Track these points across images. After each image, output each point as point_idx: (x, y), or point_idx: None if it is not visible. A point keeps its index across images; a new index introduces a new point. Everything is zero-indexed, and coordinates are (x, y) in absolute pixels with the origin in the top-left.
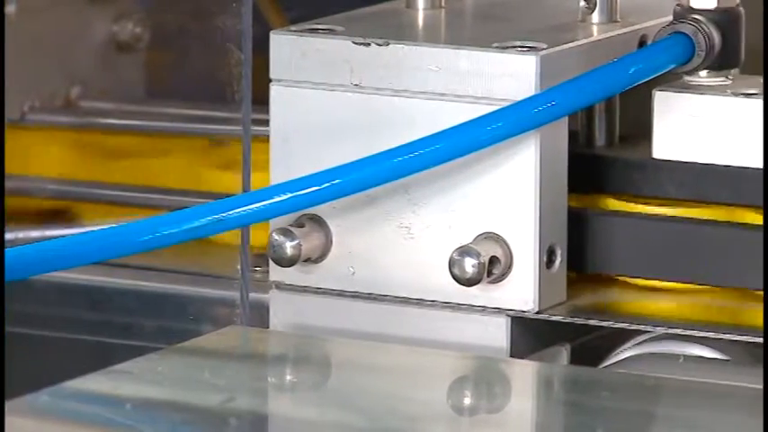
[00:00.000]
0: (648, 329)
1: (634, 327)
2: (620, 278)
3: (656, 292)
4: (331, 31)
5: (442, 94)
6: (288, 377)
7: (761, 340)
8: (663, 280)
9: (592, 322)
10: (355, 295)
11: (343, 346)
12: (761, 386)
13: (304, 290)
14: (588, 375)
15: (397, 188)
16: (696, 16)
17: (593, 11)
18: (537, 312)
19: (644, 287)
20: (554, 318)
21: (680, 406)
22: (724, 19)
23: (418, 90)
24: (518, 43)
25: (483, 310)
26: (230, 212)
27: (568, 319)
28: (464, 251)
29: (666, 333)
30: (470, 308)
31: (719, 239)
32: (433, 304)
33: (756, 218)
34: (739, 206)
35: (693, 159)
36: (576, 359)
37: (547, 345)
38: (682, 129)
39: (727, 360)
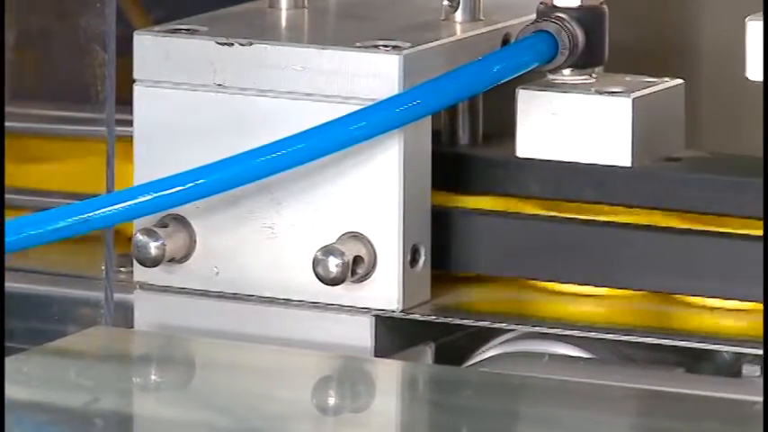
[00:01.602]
0: (513, 328)
1: (498, 325)
2: (484, 276)
3: (521, 289)
4: (194, 32)
5: (306, 94)
6: (153, 377)
7: (626, 338)
8: (527, 278)
9: (456, 321)
10: (219, 295)
11: (207, 346)
12: (626, 384)
13: (168, 290)
14: (452, 374)
15: (261, 188)
16: (560, 14)
17: (456, 9)
18: (401, 311)
19: (507, 285)
20: (418, 317)
21: (544, 405)
22: (588, 17)
23: (281, 90)
24: (381, 42)
25: (347, 309)
26: (95, 213)
27: (433, 318)
28: (328, 251)
29: (531, 332)
30: (335, 307)
31: (583, 237)
32: (296, 304)
33: (620, 216)
34: (602, 204)
35: (557, 158)
36: (440, 358)
37: (411, 344)
38: (545, 127)
39: (593, 358)
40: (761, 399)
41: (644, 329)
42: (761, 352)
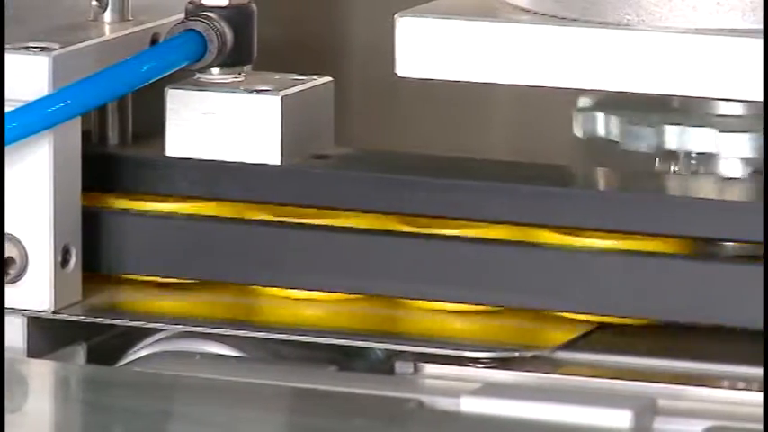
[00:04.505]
0: (165, 327)
1: (150, 325)
2: (135, 277)
3: (173, 289)
4: None
5: None
6: None
7: (276, 336)
8: (177, 278)
9: (107, 321)
10: None
11: None
12: (278, 382)
13: None
14: (105, 374)
15: None
16: (208, 14)
17: (104, 10)
18: (53, 312)
19: (159, 285)
20: (69, 317)
21: (197, 403)
22: (236, 16)
23: None
24: (31, 44)
25: None
26: None
27: (83, 318)
28: None
29: (184, 331)
30: None
31: (235, 236)
32: None
33: (270, 214)
34: (253, 202)
35: (207, 157)
36: (93, 358)
37: (64, 344)
38: (195, 126)
39: (245, 357)
40: (414, 396)
41: (300, 327)
42: (413, 349)
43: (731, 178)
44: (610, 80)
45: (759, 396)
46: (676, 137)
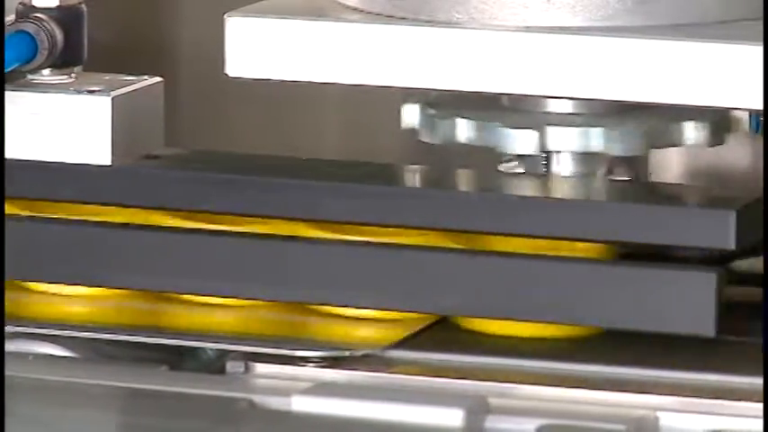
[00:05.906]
0: None
1: None
2: None
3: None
4: None
5: None
6: None
7: (106, 336)
8: (8, 279)
9: None
10: None
11: None
12: (108, 382)
13: None
14: None
15: None
16: (38, 15)
17: None
18: None
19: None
20: None
21: (27, 402)
22: (66, 17)
23: None
24: None
25: None
26: None
27: None
28: None
29: (16, 331)
30: None
31: (64, 237)
32: None
33: (102, 215)
34: (83, 203)
35: (37, 157)
36: None
37: None
38: (25, 127)
39: (76, 357)
40: (245, 396)
41: (128, 327)
42: (244, 348)
43: (523, 173)
44: (441, 79)
45: (591, 393)
46: (469, 131)
